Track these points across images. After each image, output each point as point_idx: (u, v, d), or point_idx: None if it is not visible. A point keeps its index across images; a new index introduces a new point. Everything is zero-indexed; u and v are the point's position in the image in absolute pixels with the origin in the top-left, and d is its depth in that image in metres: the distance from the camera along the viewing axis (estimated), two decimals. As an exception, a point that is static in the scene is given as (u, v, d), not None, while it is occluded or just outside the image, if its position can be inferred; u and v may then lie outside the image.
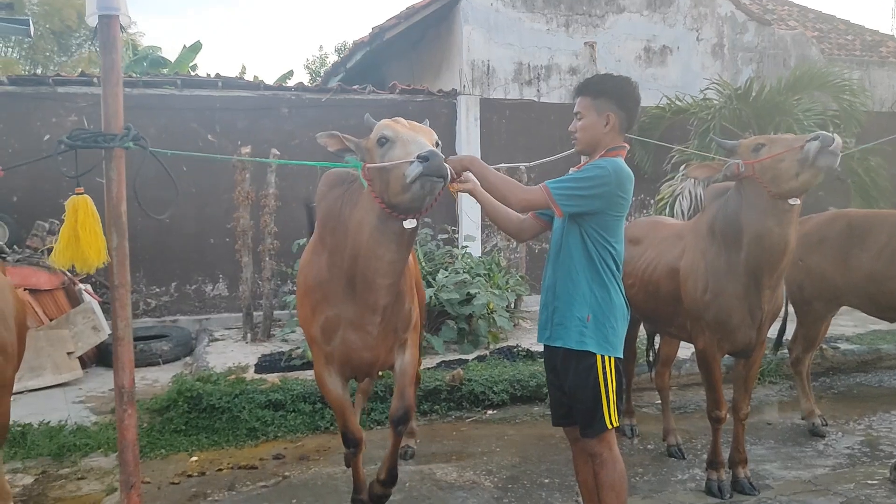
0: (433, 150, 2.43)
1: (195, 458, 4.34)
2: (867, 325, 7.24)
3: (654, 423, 4.88)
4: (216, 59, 41.01)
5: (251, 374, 5.66)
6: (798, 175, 3.22)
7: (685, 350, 5.39)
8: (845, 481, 3.85)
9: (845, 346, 6.62)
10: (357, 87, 8.68)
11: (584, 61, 6.30)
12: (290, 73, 17.02)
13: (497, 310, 6.55)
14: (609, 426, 2.62)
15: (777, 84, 8.54)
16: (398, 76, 10.03)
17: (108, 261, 2.36)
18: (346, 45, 19.42)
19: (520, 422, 5.05)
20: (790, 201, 3.28)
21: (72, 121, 7.47)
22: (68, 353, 5.81)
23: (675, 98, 9.00)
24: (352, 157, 2.75)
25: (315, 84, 12.70)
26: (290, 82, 12.33)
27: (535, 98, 9.16)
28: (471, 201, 8.52)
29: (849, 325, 7.33)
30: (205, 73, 10.91)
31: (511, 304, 7.28)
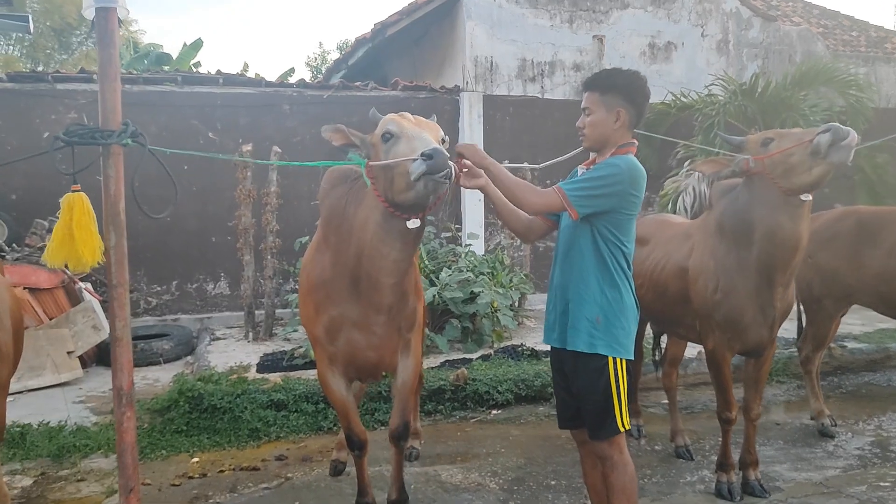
0: (437, 147, 2.36)
1: (196, 460, 4.29)
2: (874, 324, 7.17)
3: (660, 423, 4.82)
4: (217, 57, 40.95)
5: (253, 373, 5.60)
6: (810, 169, 3.14)
7: (692, 349, 5.32)
8: (857, 483, 3.78)
9: (853, 345, 6.55)
10: (359, 83, 8.61)
11: (593, 56, 6.22)
12: (292, 70, 16.96)
13: (501, 308, 6.50)
14: (621, 429, 2.56)
15: (783, 80, 8.46)
16: (400, 73, 9.96)
17: (104, 260, 2.30)
18: (348, 43, 19.37)
19: (525, 422, 4.99)
20: (802, 197, 3.21)
21: (71, 118, 7.41)
22: (68, 353, 5.76)
23: (679, 94, 8.92)
24: (356, 153, 2.69)
25: (317, 81, 12.63)
26: (292, 80, 12.26)
27: (539, 95, 9.08)
28: (473, 200, 8.60)
29: (856, 323, 7.26)
30: (205, 71, 10.85)
31: (515, 303, 7.22)
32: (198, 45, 15.56)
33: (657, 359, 4.82)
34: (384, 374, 3.24)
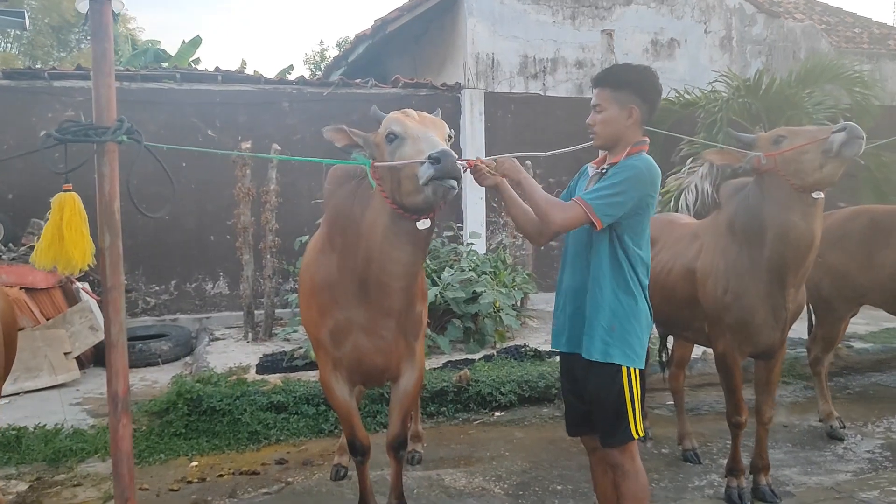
0: (445, 149, 2.25)
1: (195, 464, 4.21)
2: (880, 323, 7.11)
3: (666, 424, 4.74)
4: (216, 55, 40.87)
5: (252, 374, 5.52)
6: (822, 167, 3.10)
7: (697, 349, 5.24)
8: (869, 488, 3.70)
9: (859, 345, 6.49)
10: (359, 80, 8.52)
11: (602, 51, 6.13)
12: (290, 67, 16.89)
13: (503, 308, 6.42)
14: (635, 436, 2.48)
15: (787, 77, 8.37)
16: (400, 70, 9.87)
17: (94, 262, 2.21)
18: (348, 40, 19.24)
19: (529, 424, 4.92)
20: (814, 195, 3.16)
21: (68, 115, 7.30)
22: (65, 354, 5.68)
23: (683, 92, 8.83)
24: (360, 152, 2.59)
25: (316, 78, 12.54)
26: (290, 77, 12.17)
27: (541, 92, 9.00)
28: (474, 198, 8.52)
29: (861, 322, 7.18)
30: (204, 68, 10.76)
31: (518, 303, 7.15)
32: (196, 42, 15.47)
33: (663, 360, 4.74)
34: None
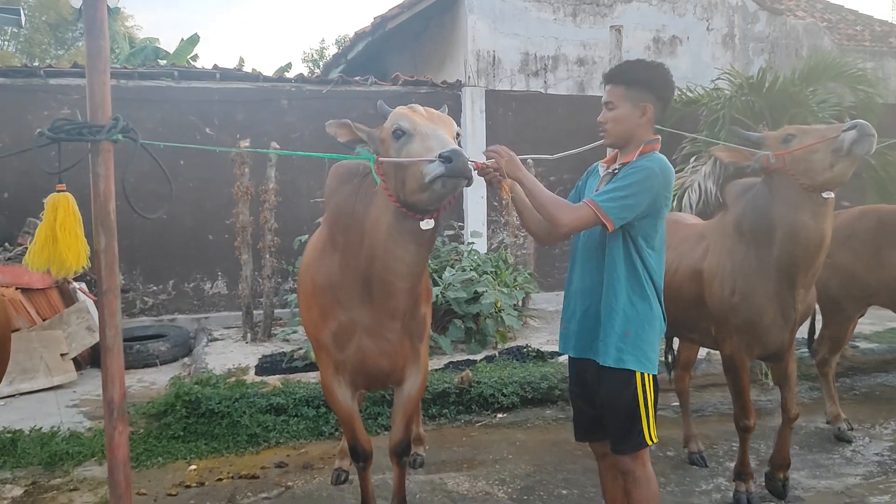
0: (456, 148, 2.18)
1: (194, 467, 4.14)
2: (885, 323, 7.04)
3: (671, 426, 4.67)
4: (214, 53, 40.74)
5: (251, 375, 5.45)
6: (833, 166, 3.06)
7: (700, 350, 5.16)
8: (880, 492, 3.65)
9: (865, 345, 6.43)
10: (359, 78, 8.44)
11: (610, 48, 6.05)
12: (288, 65, 16.76)
13: (505, 308, 6.35)
14: (649, 442, 2.43)
15: (791, 75, 8.29)
16: (400, 68, 9.79)
17: (89, 265, 2.15)
18: (347, 38, 19.17)
19: (531, 426, 4.86)
20: (824, 194, 3.11)
21: (64, 114, 7.20)
22: (62, 355, 5.60)
23: (685, 89, 8.76)
24: (363, 148, 2.51)
25: (315, 76, 12.45)
26: (289, 75, 12.08)
27: (542, 90, 8.91)
28: (475, 197, 8.44)
29: (865, 322, 7.07)
30: (202, 66, 10.68)
31: (519, 303, 7.08)
32: (194, 40, 15.36)
33: (668, 361, 4.68)
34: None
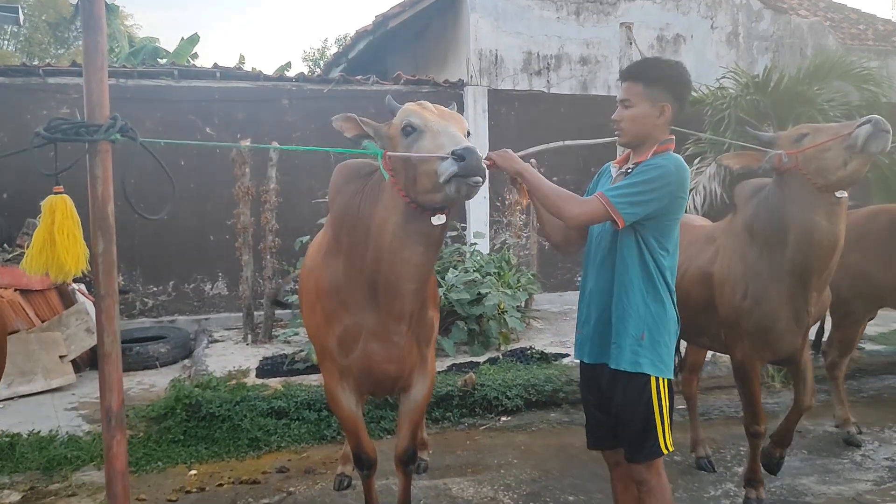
0: (469, 146, 2.11)
1: (194, 472, 4.08)
2: (889, 324, 6.97)
3: (678, 430, 4.45)
4: (214, 52, 40.65)
5: (252, 378, 5.39)
6: (846, 164, 2.98)
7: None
8: (892, 499, 3.59)
9: (871, 347, 6.36)
10: (360, 77, 8.37)
11: (621, 45, 5.99)
12: (288, 65, 16.72)
13: (508, 310, 6.29)
14: (664, 451, 2.37)
15: (796, 73, 8.21)
16: (401, 67, 9.72)
17: (88, 268, 2.08)
18: (347, 37, 19.12)
19: (536, 430, 4.80)
20: (837, 194, 3.04)
21: (63, 113, 7.15)
22: (61, 357, 5.55)
23: (689, 89, 8.68)
24: (370, 143, 2.44)
25: (316, 75, 12.39)
26: (289, 74, 12.01)
27: (545, 89, 8.85)
28: (477, 197, 8.33)
29: (870, 324, 6.94)
30: (202, 65, 10.61)
31: (522, 304, 7.01)
32: (195, 39, 15.33)
33: (676, 364, 4.62)
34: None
